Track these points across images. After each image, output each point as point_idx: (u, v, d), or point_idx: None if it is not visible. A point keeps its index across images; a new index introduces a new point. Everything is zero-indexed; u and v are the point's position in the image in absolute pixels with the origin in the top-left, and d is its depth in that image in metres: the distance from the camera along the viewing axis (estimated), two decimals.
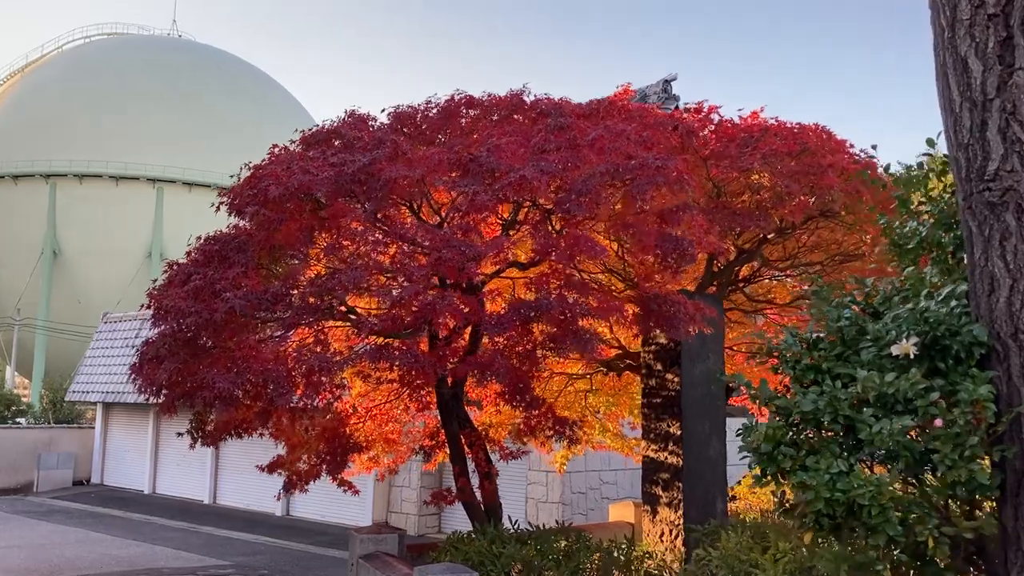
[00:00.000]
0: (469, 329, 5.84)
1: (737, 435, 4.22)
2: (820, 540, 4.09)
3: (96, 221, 52.78)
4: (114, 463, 28.78)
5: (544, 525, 5.88)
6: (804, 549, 4.01)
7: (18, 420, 32.29)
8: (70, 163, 52.99)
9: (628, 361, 8.13)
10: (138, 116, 54.09)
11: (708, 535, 4.88)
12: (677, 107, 21.20)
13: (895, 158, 5.45)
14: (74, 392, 29.11)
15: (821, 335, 4.17)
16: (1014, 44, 3.52)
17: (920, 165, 5.39)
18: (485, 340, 5.78)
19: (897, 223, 4.66)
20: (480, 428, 6.68)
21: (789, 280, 9.29)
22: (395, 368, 5.13)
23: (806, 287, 8.70)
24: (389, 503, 20.33)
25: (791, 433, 3.92)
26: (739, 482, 11.75)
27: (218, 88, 57.95)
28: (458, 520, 18.72)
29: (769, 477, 3.87)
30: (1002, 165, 3.52)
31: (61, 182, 53.18)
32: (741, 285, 8.03)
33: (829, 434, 3.81)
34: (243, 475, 24.08)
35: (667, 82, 21.20)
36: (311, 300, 5.10)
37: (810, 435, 3.90)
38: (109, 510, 23.46)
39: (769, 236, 7.14)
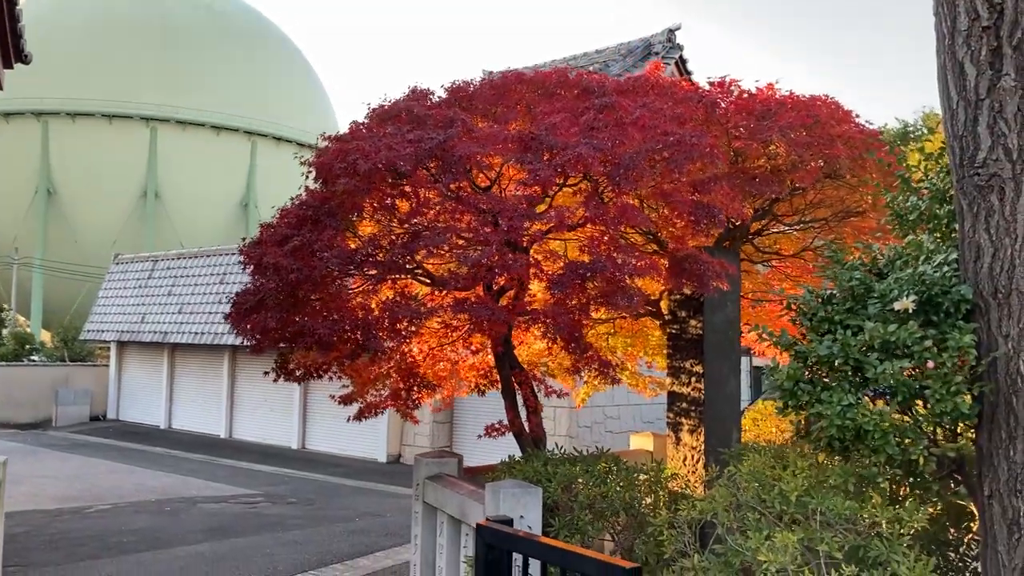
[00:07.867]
0: (516, 284, 6.66)
1: (761, 374, 5.07)
2: (832, 459, 5.01)
3: (90, 161, 51.97)
4: (129, 399, 29.46)
5: (587, 450, 6.78)
6: (818, 467, 4.92)
7: (32, 358, 33.06)
8: (62, 101, 52.05)
9: (648, 308, 8.96)
10: (129, 54, 52.92)
11: (734, 457, 5.78)
12: (681, 56, 21.70)
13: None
14: (88, 331, 29.65)
15: (834, 292, 4.98)
16: (1003, 53, 4.17)
17: (916, 129, 6.17)
18: (537, 293, 6.61)
19: (900, 197, 5.44)
20: (526, 367, 7.58)
21: (795, 233, 10.11)
22: (472, 319, 6.00)
23: (811, 240, 9.52)
24: (403, 437, 21.36)
25: (808, 373, 4.78)
26: (743, 414, 12.76)
27: (211, 25, 57.00)
28: (469, 455, 19.80)
29: (790, 409, 4.74)
30: (989, 155, 4.21)
31: (53, 120, 52.22)
32: (751, 238, 8.82)
33: (840, 374, 4.67)
34: (258, 410, 25.03)
35: (671, 31, 21.75)
36: (396, 260, 5.92)
37: (824, 375, 4.75)
38: (130, 444, 23.76)
39: (781, 196, 7.92)
